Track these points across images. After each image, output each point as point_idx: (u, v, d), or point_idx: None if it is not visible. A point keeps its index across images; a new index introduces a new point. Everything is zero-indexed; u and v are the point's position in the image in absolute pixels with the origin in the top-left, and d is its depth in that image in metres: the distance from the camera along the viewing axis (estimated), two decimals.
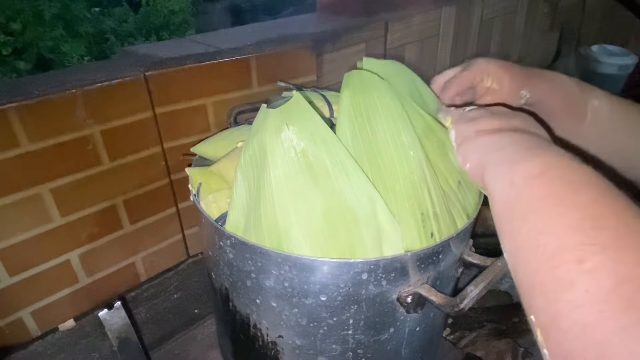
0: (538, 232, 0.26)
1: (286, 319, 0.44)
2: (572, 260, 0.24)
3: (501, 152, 0.34)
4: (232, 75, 0.76)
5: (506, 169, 0.32)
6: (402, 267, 0.40)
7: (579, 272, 0.23)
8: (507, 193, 0.31)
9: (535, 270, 0.26)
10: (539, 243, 0.26)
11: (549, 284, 0.24)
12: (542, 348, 0.24)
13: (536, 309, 0.25)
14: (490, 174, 0.34)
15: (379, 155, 0.42)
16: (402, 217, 0.41)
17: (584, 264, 0.23)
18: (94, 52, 3.19)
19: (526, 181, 0.29)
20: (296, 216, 0.40)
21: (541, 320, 0.25)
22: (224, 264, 0.45)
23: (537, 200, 0.28)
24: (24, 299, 0.68)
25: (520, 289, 0.28)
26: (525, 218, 0.28)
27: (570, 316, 0.22)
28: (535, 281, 0.25)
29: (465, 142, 0.39)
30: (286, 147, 0.40)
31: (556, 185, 0.28)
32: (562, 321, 0.23)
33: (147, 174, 0.75)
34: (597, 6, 1.57)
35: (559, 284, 0.24)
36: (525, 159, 0.31)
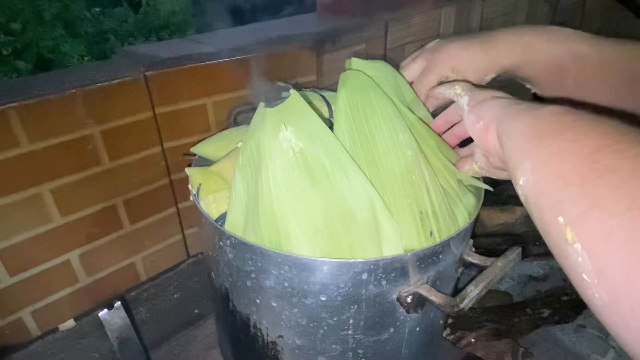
0: (572, 142, 0.26)
1: (286, 319, 0.44)
2: (613, 152, 0.24)
3: (520, 106, 0.34)
4: (232, 75, 0.76)
5: (529, 112, 0.32)
6: (402, 267, 0.40)
7: (620, 158, 0.23)
8: (533, 122, 0.31)
9: (570, 170, 0.25)
10: (574, 148, 0.26)
11: (587, 174, 0.24)
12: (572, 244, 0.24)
13: (569, 203, 0.24)
14: (510, 119, 0.34)
15: (377, 155, 0.42)
16: (400, 216, 0.41)
17: (625, 153, 0.23)
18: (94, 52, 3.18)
19: (554, 114, 0.30)
20: (295, 216, 0.40)
21: (574, 213, 0.24)
22: (224, 264, 0.45)
23: (567, 122, 0.28)
24: (24, 299, 0.68)
25: (544, 198, 0.27)
26: (556, 134, 0.28)
27: (614, 193, 0.22)
28: (569, 179, 0.25)
29: (480, 102, 0.39)
30: (284, 147, 0.40)
31: (583, 114, 0.28)
32: (605, 201, 0.22)
33: (147, 174, 0.75)
34: (597, 6, 1.57)
35: (600, 171, 0.23)
36: (544, 106, 0.31)
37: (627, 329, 0.21)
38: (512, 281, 0.87)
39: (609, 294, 0.22)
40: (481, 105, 0.38)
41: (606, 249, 0.22)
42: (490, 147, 0.37)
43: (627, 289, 0.21)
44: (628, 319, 0.21)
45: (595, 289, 0.23)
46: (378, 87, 0.45)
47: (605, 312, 0.23)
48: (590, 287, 0.23)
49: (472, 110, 0.39)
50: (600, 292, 0.22)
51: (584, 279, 0.23)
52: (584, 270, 0.23)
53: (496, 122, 0.35)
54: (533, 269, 0.89)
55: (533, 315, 0.80)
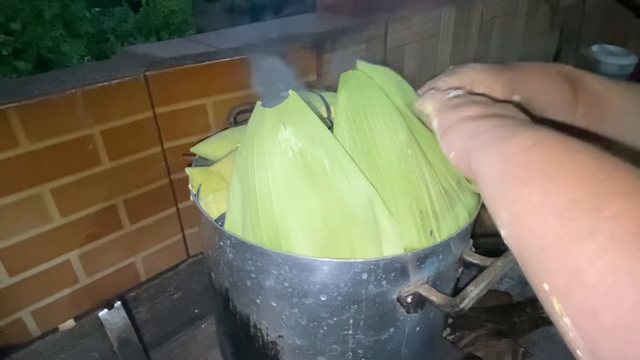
0: (544, 192, 0.24)
1: (286, 319, 0.44)
2: (590, 210, 0.21)
3: (487, 135, 0.32)
4: (232, 75, 0.76)
5: (495, 147, 0.30)
6: (402, 267, 0.40)
7: (599, 219, 0.21)
8: (500, 166, 0.28)
9: (545, 231, 0.23)
10: (547, 203, 0.23)
11: (563, 239, 0.22)
12: (561, 317, 0.22)
13: (551, 271, 0.22)
14: (478, 156, 0.32)
15: (377, 154, 0.42)
16: (400, 216, 0.41)
17: (603, 212, 0.21)
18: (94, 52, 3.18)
19: (521, 151, 0.27)
20: (295, 217, 0.40)
21: (559, 283, 0.22)
22: (224, 264, 0.45)
23: (537, 164, 0.26)
24: (24, 299, 0.68)
25: (527, 260, 0.25)
26: (526, 183, 0.25)
27: (595, 267, 0.20)
28: (545, 243, 0.23)
29: (448, 130, 0.37)
30: (283, 147, 0.40)
31: (555, 150, 0.26)
32: (587, 275, 0.20)
33: (147, 174, 0.75)
34: (597, 6, 1.57)
35: (577, 236, 0.21)
36: (514, 135, 0.29)
37: None
38: (512, 281, 0.87)
39: None
40: (449, 133, 0.37)
41: (595, 331, 0.20)
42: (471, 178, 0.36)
43: None
44: None
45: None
46: (378, 87, 0.45)
47: None
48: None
49: (442, 139, 0.38)
50: None
51: (579, 355, 0.21)
52: (577, 347, 0.21)
53: (466, 157, 0.34)
54: None
55: (533, 315, 0.80)
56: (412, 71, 1.05)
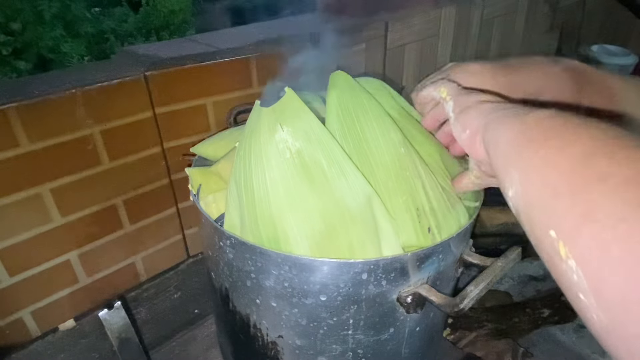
0: (559, 148, 0.25)
1: (286, 319, 0.44)
2: (604, 157, 0.22)
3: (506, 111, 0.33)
4: (232, 75, 0.76)
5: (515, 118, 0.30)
6: (402, 267, 0.40)
7: (612, 164, 0.22)
8: (519, 129, 0.29)
9: (559, 178, 0.24)
10: (562, 155, 0.24)
11: (577, 184, 0.22)
12: (566, 260, 0.22)
13: (560, 215, 0.23)
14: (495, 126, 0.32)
15: (370, 154, 0.42)
16: (396, 213, 0.42)
17: (616, 157, 0.22)
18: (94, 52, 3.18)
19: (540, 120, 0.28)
20: (293, 217, 0.40)
21: (567, 226, 0.22)
22: (224, 264, 0.45)
23: (554, 128, 0.27)
24: (24, 299, 0.68)
25: (534, 212, 0.25)
26: (543, 141, 0.26)
27: (607, 204, 0.21)
28: (558, 189, 0.23)
29: (465, 110, 0.37)
30: (281, 148, 0.40)
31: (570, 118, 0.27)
32: (598, 212, 0.21)
33: (147, 174, 0.75)
34: (597, 6, 1.57)
35: (591, 179, 0.22)
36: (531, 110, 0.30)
37: (629, 353, 0.20)
38: (512, 281, 0.87)
39: (607, 315, 0.20)
40: (466, 113, 0.37)
41: (602, 266, 0.20)
42: (479, 156, 0.36)
43: (626, 311, 0.19)
44: (629, 343, 0.19)
45: (593, 310, 0.21)
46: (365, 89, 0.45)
47: (605, 335, 0.21)
48: (588, 308, 0.21)
49: (457, 118, 0.38)
50: (598, 313, 0.21)
51: (581, 299, 0.21)
52: (581, 290, 0.21)
53: (482, 130, 0.34)
54: (533, 269, 0.89)
55: (533, 315, 0.80)
56: (412, 71, 1.05)
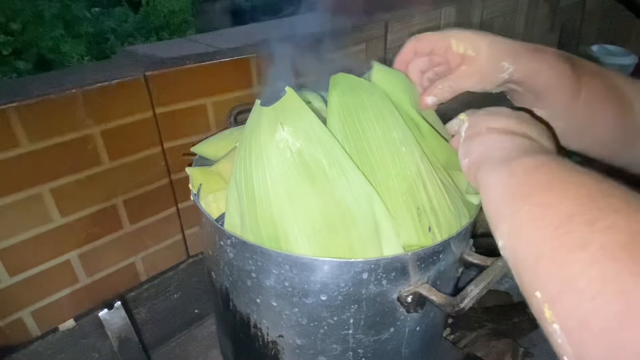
0: (544, 206, 0.25)
1: (286, 319, 0.44)
2: (584, 223, 0.23)
3: (503, 152, 0.33)
4: (232, 75, 0.76)
5: (505, 165, 0.31)
6: (403, 266, 0.40)
7: (591, 231, 0.22)
8: (506, 181, 0.30)
9: (542, 242, 0.24)
10: (545, 215, 0.25)
11: (558, 249, 0.23)
12: (551, 324, 0.23)
13: (544, 279, 0.24)
14: (488, 169, 0.33)
15: (371, 153, 0.42)
16: (397, 213, 0.41)
17: (596, 224, 0.22)
18: (94, 52, 3.18)
19: (528, 171, 0.29)
20: (294, 217, 0.40)
21: (550, 290, 0.23)
22: (224, 263, 0.45)
23: (540, 182, 0.27)
24: (24, 299, 0.68)
25: (522, 269, 0.26)
26: (528, 197, 0.27)
27: (585, 274, 0.21)
28: (541, 251, 0.24)
29: (473, 135, 0.38)
30: (281, 147, 0.40)
31: (559, 172, 0.27)
32: (577, 282, 0.21)
33: (147, 174, 0.75)
34: (597, 6, 1.57)
35: (571, 246, 0.22)
36: (526, 156, 0.31)
37: None
38: (512, 281, 0.87)
39: None
40: (473, 140, 0.37)
41: (582, 337, 0.21)
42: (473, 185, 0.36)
43: None
44: None
45: None
46: (371, 87, 0.45)
47: None
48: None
49: (464, 143, 0.38)
50: None
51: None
52: (565, 353, 0.22)
53: (476, 167, 0.35)
54: None
55: (533, 315, 0.80)
56: None
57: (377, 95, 0.45)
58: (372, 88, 0.45)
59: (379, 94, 0.45)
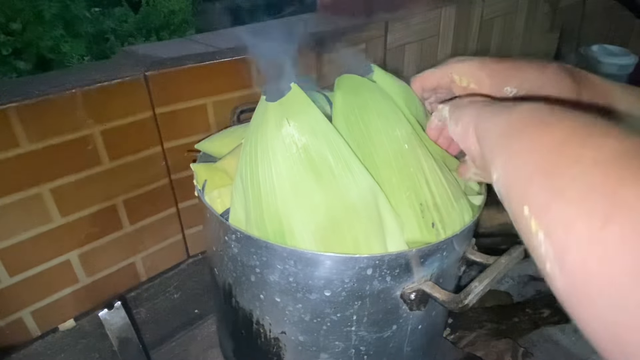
0: (538, 135, 0.27)
1: (290, 315, 0.44)
2: (576, 145, 0.24)
3: (496, 106, 0.34)
4: (232, 75, 0.76)
5: (501, 113, 0.32)
6: (407, 263, 0.40)
7: (583, 149, 0.23)
8: (503, 123, 0.31)
9: (535, 162, 0.26)
10: (540, 142, 0.26)
11: (551, 167, 0.25)
12: (536, 234, 0.24)
13: (533, 193, 0.25)
14: (485, 121, 0.34)
15: (374, 150, 0.43)
16: (400, 209, 0.42)
17: (588, 145, 0.24)
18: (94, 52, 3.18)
19: (523, 113, 0.30)
20: (299, 212, 0.40)
21: (538, 203, 0.24)
22: (229, 259, 0.45)
23: (535, 118, 0.29)
24: (24, 299, 0.68)
25: (513, 191, 0.27)
26: (523, 131, 0.28)
27: (575, 184, 0.23)
28: (534, 170, 0.26)
29: (459, 107, 0.39)
30: (287, 142, 0.40)
31: (551, 112, 0.29)
32: (566, 191, 0.23)
33: (147, 174, 0.75)
34: (597, 6, 1.57)
35: (563, 163, 0.24)
36: (519, 104, 0.32)
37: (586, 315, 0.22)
38: (512, 281, 0.87)
39: (569, 284, 0.22)
40: (460, 109, 0.38)
41: (566, 237, 0.22)
42: (472, 150, 0.37)
43: (584, 276, 0.21)
44: (587, 311, 0.21)
45: (557, 279, 0.23)
46: (375, 88, 0.46)
47: (567, 299, 0.23)
48: (552, 277, 0.23)
49: (452, 116, 0.39)
50: (561, 281, 0.23)
51: (547, 268, 0.23)
52: (547, 259, 0.23)
53: (474, 124, 0.36)
54: (533, 269, 0.89)
55: (533, 315, 0.80)
56: (412, 71, 1.05)
57: (380, 94, 0.45)
58: (375, 88, 0.46)
59: (382, 93, 0.45)
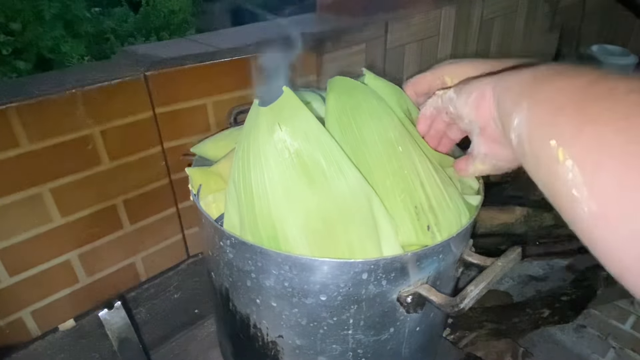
0: (570, 78, 0.27)
1: (286, 319, 0.44)
2: (609, 80, 0.24)
3: (514, 70, 0.33)
4: (232, 75, 0.76)
5: (523, 71, 0.31)
6: (402, 266, 0.40)
7: (617, 81, 0.23)
8: (532, 73, 0.30)
9: (567, 99, 0.25)
10: (571, 83, 0.26)
11: (583, 100, 0.24)
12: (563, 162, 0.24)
13: (562, 125, 0.25)
14: (506, 79, 0.33)
15: (368, 153, 0.42)
16: (395, 212, 0.42)
17: (619, 81, 0.23)
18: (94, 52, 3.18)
19: (549, 66, 0.30)
20: (293, 217, 0.40)
21: (568, 132, 0.24)
22: (224, 264, 0.45)
23: (564, 68, 0.28)
24: (24, 299, 0.68)
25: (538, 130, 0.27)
26: (555, 77, 0.28)
27: (609, 109, 0.22)
28: (565, 106, 0.25)
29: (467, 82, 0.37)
30: (279, 148, 0.40)
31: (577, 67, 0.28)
32: (600, 116, 0.23)
33: (147, 174, 0.75)
34: (597, 6, 1.57)
35: (596, 96, 0.24)
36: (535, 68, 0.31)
37: (614, 239, 0.21)
38: (512, 281, 0.87)
39: (598, 204, 0.22)
40: (470, 83, 0.37)
41: (599, 157, 0.22)
42: (485, 114, 0.36)
43: (619, 196, 0.21)
44: (616, 228, 0.21)
45: (584, 202, 0.23)
46: (367, 90, 0.45)
47: (592, 224, 0.22)
48: (579, 201, 0.23)
49: (460, 92, 0.38)
50: (589, 203, 0.22)
51: (574, 194, 0.23)
52: (574, 185, 0.23)
53: (492, 85, 0.34)
54: (533, 269, 0.89)
55: (533, 315, 0.80)
56: (412, 71, 1.05)
57: (373, 97, 0.45)
58: (368, 90, 0.46)
59: (375, 96, 0.45)
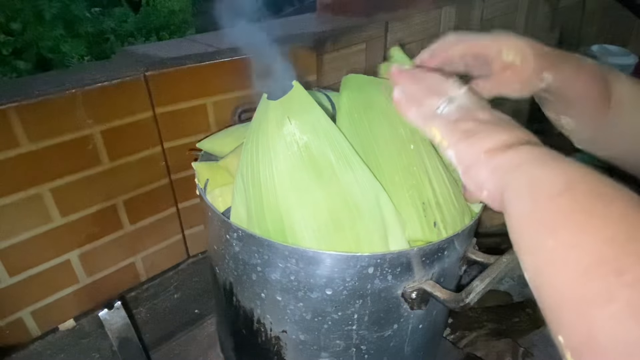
0: (568, 247, 0.24)
1: (291, 314, 0.44)
2: (610, 273, 0.22)
3: (519, 172, 0.30)
4: (232, 75, 0.76)
5: (527, 189, 0.29)
6: (408, 262, 0.40)
7: (618, 284, 0.21)
8: (529, 209, 0.28)
9: (565, 286, 0.24)
10: (569, 258, 0.24)
11: (582, 299, 0.22)
12: None
13: (567, 327, 0.23)
14: (510, 194, 0.30)
15: (378, 148, 0.43)
16: (402, 207, 0.42)
17: (623, 276, 0.21)
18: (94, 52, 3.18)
19: (552, 198, 0.27)
20: (300, 210, 0.40)
21: (573, 340, 0.23)
22: (230, 257, 0.45)
23: (565, 214, 0.26)
24: (24, 299, 0.68)
25: (546, 308, 0.25)
26: (552, 232, 0.26)
27: (609, 333, 0.21)
28: (564, 297, 0.24)
29: (474, 166, 0.33)
30: (288, 141, 0.40)
31: (585, 199, 0.26)
32: (600, 339, 0.21)
33: (147, 174, 0.75)
34: (597, 6, 1.57)
35: (596, 299, 0.22)
36: (547, 176, 0.28)
37: None
38: (512, 281, 0.87)
39: None
40: (477, 173, 0.33)
41: None
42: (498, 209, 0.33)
43: None
44: None
45: None
46: (379, 86, 0.45)
47: None
48: None
49: (468, 176, 0.34)
50: None
51: None
52: None
53: (500, 192, 0.31)
54: None
55: (533, 315, 0.80)
56: None
57: (387, 93, 0.45)
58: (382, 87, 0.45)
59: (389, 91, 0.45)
